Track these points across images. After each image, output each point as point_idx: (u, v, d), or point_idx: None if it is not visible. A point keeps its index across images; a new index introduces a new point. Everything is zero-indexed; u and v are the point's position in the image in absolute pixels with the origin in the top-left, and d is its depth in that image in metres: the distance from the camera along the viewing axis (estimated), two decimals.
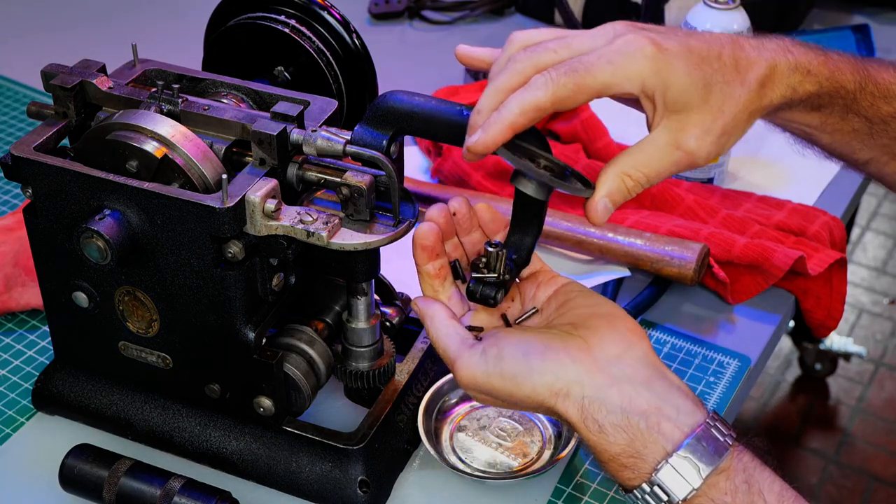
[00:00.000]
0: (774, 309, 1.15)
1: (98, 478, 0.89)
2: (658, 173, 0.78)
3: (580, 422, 0.76)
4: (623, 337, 0.79)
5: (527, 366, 0.77)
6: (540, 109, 0.75)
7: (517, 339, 0.79)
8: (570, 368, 0.77)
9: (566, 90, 0.75)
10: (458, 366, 0.80)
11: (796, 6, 1.66)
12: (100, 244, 0.81)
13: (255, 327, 0.86)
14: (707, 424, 0.75)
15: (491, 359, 0.78)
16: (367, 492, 0.91)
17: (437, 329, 0.82)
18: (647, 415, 0.75)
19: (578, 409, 0.76)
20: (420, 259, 0.84)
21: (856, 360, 2.50)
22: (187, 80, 0.93)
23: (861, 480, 2.23)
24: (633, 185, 0.78)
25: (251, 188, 0.81)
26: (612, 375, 0.77)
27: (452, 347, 0.81)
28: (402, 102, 0.81)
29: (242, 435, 0.93)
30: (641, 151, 0.78)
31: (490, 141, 0.75)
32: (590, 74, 0.75)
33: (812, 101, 0.82)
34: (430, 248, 0.84)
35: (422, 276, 0.85)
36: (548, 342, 0.79)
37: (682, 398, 0.76)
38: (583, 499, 0.93)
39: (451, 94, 1.41)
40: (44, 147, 0.86)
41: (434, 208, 0.85)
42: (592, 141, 1.32)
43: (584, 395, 0.76)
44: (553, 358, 0.77)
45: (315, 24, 0.95)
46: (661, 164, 0.78)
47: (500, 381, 0.78)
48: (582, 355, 0.77)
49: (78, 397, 0.98)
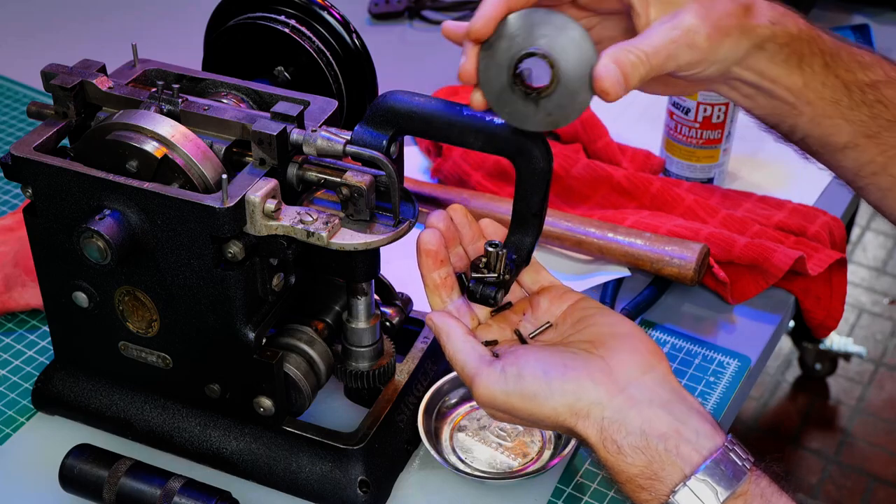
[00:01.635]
0: (774, 309, 1.14)
1: (98, 478, 0.89)
2: (655, 49, 0.75)
3: (599, 443, 0.76)
4: (643, 358, 0.79)
5: (547, 386, 0.77)
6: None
7: (536, 357, 0.79)
8: (590, 389, 0.76)
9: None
10: (477, 384, 0.79)
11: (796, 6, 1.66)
12: (100, 244, 0.81)
13: (255, 327, 0.86)
14: (725, 448, 0.75)
15: (511, 377, 0.78)
16: (367, 492, 0.91)
17: (454, 345, 0.81)
18: (666, 437, 0.75)
19: (598, 429, 0.76)
20: (425, 267, 0.84)
21: (856, 360, 2.50)
22: (187, 80, 0.93)
23: (861, 480, 2.23)
24: (634, 59, 0.74)
25: (251, 188, 0.81)
26: (633, 397, 0.76)
27: (470, 364, 0.80)
28: (402, 102, 0.81)
29: (242, 435, 0.93)
30: (637, 37, 0.76)
31: (485, 14, 0.74)
32: None
33: (794, 46, 0.81)
34: (433, 252, 0.83)
35: (428, 287, 0.85)
36: (568, 361, 0.78)
37: (701, 422, 0.76)
38: (583, 499, 0.93)
39: (451, 94, 1.41)
40: (44, 147, 0.86)
41: (434, 214, 0.85)
42: (592, 141, 1.32)
43: (604, 416, 0.76)
44: (574, 378, 0.77)
45: (315, 24, 0.95)
46: (658, 38, 0.75)
47: (520, 400, 0.77)
48: (602, 376, 0.77)
49: (78, 397, 0.98)
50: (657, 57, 0.75)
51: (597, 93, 0.74)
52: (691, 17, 0.76)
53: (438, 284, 0.84)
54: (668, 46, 0.75)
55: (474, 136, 0.80)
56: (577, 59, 0.75)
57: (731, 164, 1.34)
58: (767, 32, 0.80)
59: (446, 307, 0.85)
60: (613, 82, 0.73)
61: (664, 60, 0.75)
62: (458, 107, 0.81)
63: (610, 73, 0.73)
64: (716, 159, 1.30)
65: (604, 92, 0.74)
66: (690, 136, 1.28)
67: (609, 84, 0.73)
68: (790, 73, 0.82)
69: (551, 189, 0.85)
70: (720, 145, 1.29)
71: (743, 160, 1.36)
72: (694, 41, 0.76)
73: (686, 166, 1.30)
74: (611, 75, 0.73)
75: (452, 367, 0.82)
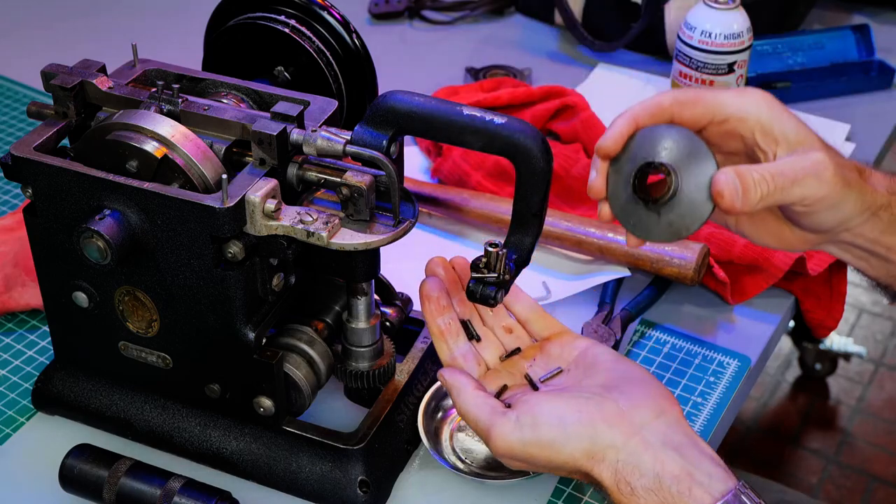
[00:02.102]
0: (774, 309, 1.14)
1: (98, 478, 0.89)
2: (782, 171, 0.77)
3: (613, 485, 0.77)
4: (656, 402, 0.80)
5: (563, 432, 0.78)
6: (660, 106, 0.79)
7: (550, 404, 0.80)
8: (605, 432, 0.78)
9: (686, 96, 0.80)
10: (494, 436, 0.80)
11: (796, 6, 1.66)
12: (100, 244, 0.81)
13: (255, 327, 0.86)
14: (737, 491, 0.75)
15: (526, 427, 0.79)
16: (367, 492, 0.91)
17: (465, 401, 0.83)
18: (679, 480, 0.75)
19: (612, 472, 0.77)
20: (429, 314, 0.86)
21: (856, 360, 2.50)
22: (187, 80, 0.93)
23: (861, 480, 2.23)
24: (757, 176, 0.76)
25: (251, 188, 0.81)
26: (646, 440, 0.77)
27: (484, 418, 0.81)
28: (402, 102, 0.81)
29: (242, 435, 0.93)
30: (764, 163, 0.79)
31: (614, 132, 0.79)
32: (711, 91, 0.81)
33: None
34: (436, 299, 0.86)
35: (433, 334, 0.87)
36: (581, 406, 0.79)
37: (713, 465, 0.77)
38: (583, 499, 0.93)
39: (451, 94, 1.41)
40: (44, 147, 0.86)
41: (432, 262, 0.88)
42: (592, 141, 1.31)
43: (618, 458, 0.77)
44: (588, 422, 0.78)
45: (315, 24, 0.95)
46: (786, 164, 0.78)
47: (538, 449, 0.79)
48: (616, 420, 0.78)
49: (78, 397, 0.98)
50: (783, 178, 0.77)
51: (715, 202, 0.76)
52: (822, 154, 0.78)
53: (443, 330, 0.87)
54: (796, 171, 0.77)
55: (474, 136, 0.80)
56: (696, 170, 0.77)
57: None
58: (884, 201, 0.82)
59: (453, 353, 0.87)
60: (731, 191, 0.75)
61: (790, 184, 0.77)
62: (458, 107, 0.81)
63: (729, 181, 0.76)
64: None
65: (720, 200, 0.76)
66: None
67: (727, 193, 0.75)
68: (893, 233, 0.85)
69: (551, 189, 0.84)
70: None
71: None
72: (823, 175, 0.78)
73: None
74: (729, 184, 0.75)
75: (467, 424, 0.83)
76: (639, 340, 1.10)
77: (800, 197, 0.78)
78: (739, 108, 0.80)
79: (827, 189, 0.78)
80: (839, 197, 0.79)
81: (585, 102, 1.37)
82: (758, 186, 0.76)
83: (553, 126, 1.36)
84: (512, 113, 1.35)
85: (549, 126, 1.36)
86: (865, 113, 1.48)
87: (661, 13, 1.53)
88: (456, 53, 1.62)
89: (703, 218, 0.78)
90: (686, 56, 1.24)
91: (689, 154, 0.78)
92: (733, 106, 0.80)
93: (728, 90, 0.83)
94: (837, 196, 0.79)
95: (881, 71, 1.53)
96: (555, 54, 1.63)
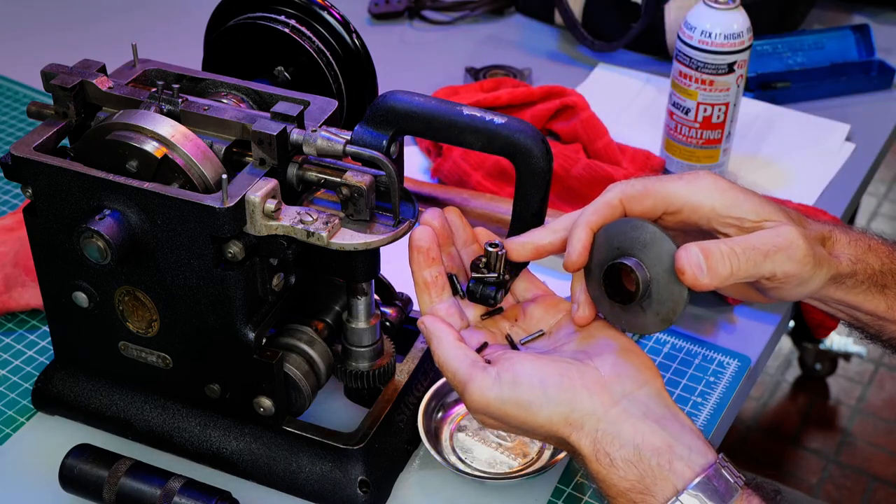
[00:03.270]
0: (774, 309, 1.14)
1: (98, 478, 0.89)
2: (753, 246, 0.76)
3: (591, 454, 0.76)
4: (639, 373, 0.78)
5: (543, 394, 0.76)
6: (609, 205, 0.79)
7: (532, 365, 0.78)
8: (586, 400, 0.76)
9: (634, 189, 0.79)
10: (471, 389, 0.78)
11: (796, 6, 1.66)
12: (100, 244, 0.81)
13: (255, 327, 0.86)
14: (718, 465, 0.75)
15: (506, 384, 0.77)
16: (367, 492, 0.91)
17: (444, 351, 0.80)
18: (659, 452, 0.74)
19: (591, 441, 0.76)
20: (416, 264, 0.83)
21: (856, 360, 2.50)
22: (187, 80, 0.93)
23: (861, 480, 2.23)
24: (725, 249, 0.76)
25: (251, 188, 0.81)
26: (627, 410, 0.76)
27: (462, 370, 0.78)
28: (402, 102, 0.81)
29: (242, 435, 0.93)
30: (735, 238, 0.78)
31: (574, 246, 0.79)
32: (660, 182, 0.79)
33: (876, 278, 0.84)
34: (425, 249, 0.82)
35: (418, 285, 0.83)
36: (563, 370, 0.77)
37: (694, 439, 0.76)
38: (583, 499, 0.93)
39: (451, 94, 1.41)
40: (44, 147, 0.86)
41: (429, 212, 0.84)
42: (592, 141, 1.32)
43: (598, 427, 0.76)
44: (569, 387, 0.76)
45: (315, 24, 0.95)
46: (758, 239, 0.77)
47: (515, 408, 0.77)
48: (598, 388, 0.77)
49: (78, 397, 0.98)
50: (754, 252, 0.76)
51: (681, 280, 0.75)
52: (793, 230, 0.78)
53: (429, 283, 0.83)
54: (767, 247, 0.77)
55: (474, 136, 0.80)
56: (659, 256, 0.76)
57: (731, 164, 1.34)
58: (847, 270, 0.82)
59: (435, 306, 0.83)
60: (692, 267, 0.74)
61: (762, 259, 0.76)
62: (458, 107, 0.81)
63: (690, 258, 0.75)
64: (716, 159, 1.30)
65: (682, 277, 0.75)
66: (690, 136, 1.28)
67: (688, 270, 0.74)
68: (872, 300, 0.85)
69: (551, 189, 0.85)
70: (720, 145, 1.29)
71: (743, 160, 1.36)
72: (795, 253, 0.77)
73: (686, 166, 1.30)
74: (691, 261, 0.74)
75: (442, 373, 0.81)
76: (638, 340, 1.10)
77: (770, 272, 0.77)
78: (690, 199, 0.79)
79: (798, 267, 0.78)
80: (809, 275, 0.79)
81: (585, 102, 1.37)
82: (726, 259, 0.75)
83: (553, 126, 1.36)
84: (512, 113, 1.35)
85: (549, 126, 1.36)
86: (865, 113, 1.48)
87: (661, 13, 1.53)
88: (456, 53, 1.62)
89: (684, 299, 0.76)
90: (686, 56, 1.24)
91: (647, 244, 0.76)
92: (684, 197, 0.79)
93: (678, 178, 0.80)
94: (807, 274, 0.79)
95: (881, 71, 1.54)
96: (555, 54, 1.63)
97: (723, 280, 0.75)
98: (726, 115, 1.27)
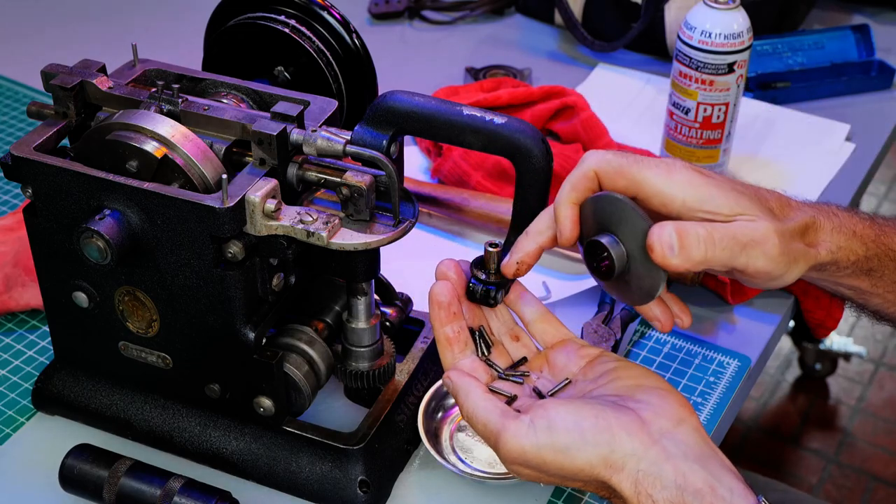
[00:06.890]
0: (774, 309, 1.14)
1: (98, 478, 0.89)
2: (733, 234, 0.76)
3: (633, 496, 0.73)
4: (675, 411, 0.76)
5: (581, 437, 0.74)
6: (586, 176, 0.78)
7: (566, 409, 0.76)
8: (625, 440, 0.74)
9: (610, 166, 0.78)
10: (505, 439, 0.75)
11: (796, 6, 1.66)
12: (100, 244, 0.81)
13: (255, 327, 0.86)
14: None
15: (541, 430, 0.74)
16: (367, 492, 0.91)
17: (473, 403, 0.78)
18: (701, 494, 0.72)
19: (633, 482, 0.73)
20: (437, 320, 0.82)
21: (856, 360, 2.50)
22: (187, 80, 0.93)
23: (861, 480, 2.23)
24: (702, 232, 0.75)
25: (251, 188, 0.81)
26: (667, 450, 0.74)
27: (493, 420, 0.76)
28: (402, 102, 0.81)
29: (242, 435, 0.93)
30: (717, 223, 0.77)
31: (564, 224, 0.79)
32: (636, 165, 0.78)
33: (861, 264, 0.83)
34: (446, 305, 0.81)
35: (440, 341, 0.82)
36: (599, 413, 0.75)
37: (734, 480, 0.74)
38: (583, 499, 0.93)
39: (451, 94, 1.41)
40: (44, 147, 0.86)
41: (444, 264, 0.84)
42: (592, 141, 1.32)
43: (639, 468, 0.73)
44: (606, 428, 0.74)
45: (315, 24, 0.95)
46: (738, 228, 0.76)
47: (552, 453, 0.74)
48: (635, 427, 0.74)
49: (78, 397, 0.98)
50: (733, 242, 0.75)
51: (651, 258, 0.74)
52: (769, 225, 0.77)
53: (451, 338, 0.82)
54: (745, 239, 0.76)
55: (474, 136, 0.80)
56: (631, 232, 0.76)
57: (731, 164, 1.34)
58: (827, 259, 0.82)
59: (458, 363, 0.82)
60: (662, 246, 0.74)
61: (739, 250, 0.76)
62: (458, 107, 0.81)
63: (663, 236, 0.74)
64: (716, 159, 1.30)
65: (651, 254, 0.74)
66: (690, 136, 1.28)
67: (657, 247, 0.74)
68: (856, 278, 0.84)
69: (551, 189, 0.84)
70: (720, 145, 1.29)
71: (743, 160, 1.36)
72: (769, 251, 0.77)
73: None
74: (663, 239, 0.74)
75: (473, 429, 0.79)
76: (639, 340, 1.10)
77: (743, 265, 0.77)
78: (663, 190, 0.78)
79: (770, 265, 0.77)
80: (781, 272, 0.78)
81: (585, 102, 1.37)
82: (702, 244, 0.74)
83: (553, 126, 1.36)
84: (512, 113, 1.35)
85: (549, 126, 1.36)
86: (865, 113, 1.48)
87: (661, 13, 1.53)
88: (456, 53, 1.62)
89: (662, 276, 0.75)
90: (686, 56, 1.24)
91: (623, 219, 0.76)
92: (657, 187, 0.78)
93: (654, 166, 0.78)
94: (779, 272, 0.78)
95: (881, 71, 1.54)
96: (555, 54, 1.63)
97: (695, 264, 0.74)
98: (726, 115, 1.27)
